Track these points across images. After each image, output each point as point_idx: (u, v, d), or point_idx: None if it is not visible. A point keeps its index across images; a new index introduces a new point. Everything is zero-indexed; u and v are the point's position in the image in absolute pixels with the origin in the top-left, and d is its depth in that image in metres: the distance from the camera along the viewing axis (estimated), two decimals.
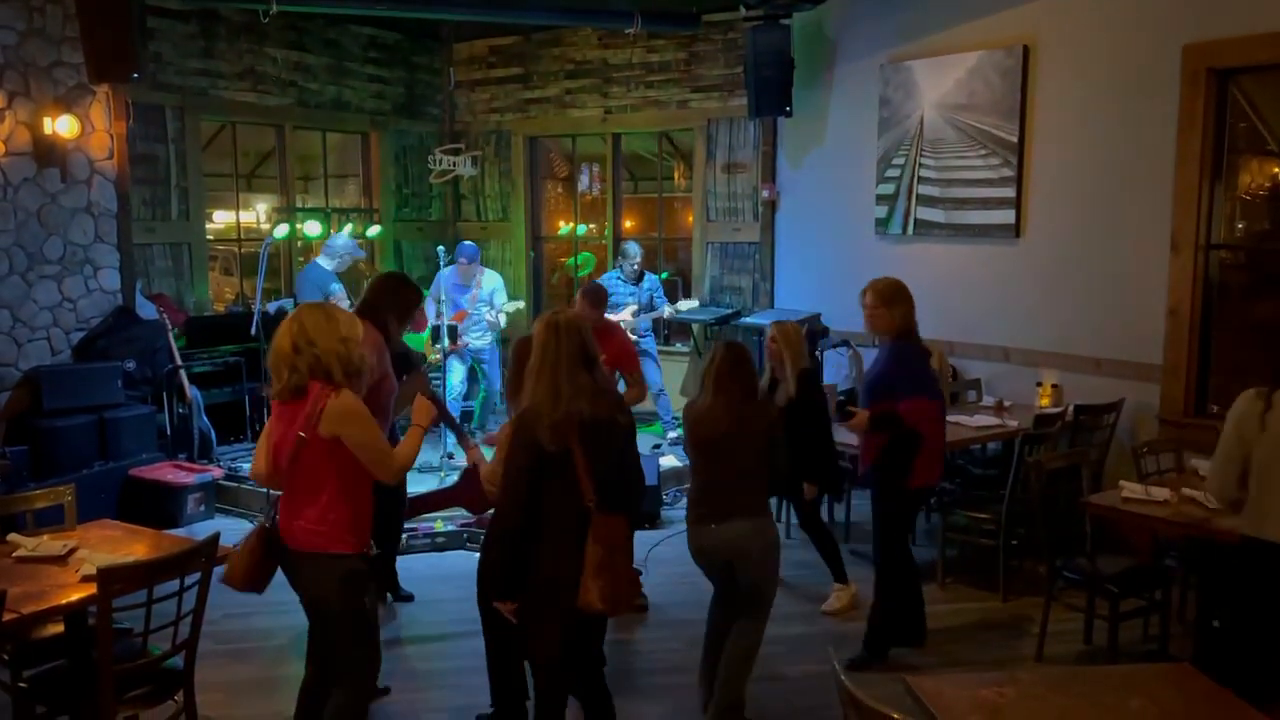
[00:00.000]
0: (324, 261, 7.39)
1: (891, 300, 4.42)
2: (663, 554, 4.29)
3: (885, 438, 4.41)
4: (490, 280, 7.82)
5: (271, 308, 7.55)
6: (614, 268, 8.14)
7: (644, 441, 7.63)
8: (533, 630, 3.23)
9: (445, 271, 7.77)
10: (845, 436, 5.24)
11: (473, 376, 7.91)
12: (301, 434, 3.13)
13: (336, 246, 7.42)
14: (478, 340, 7.69)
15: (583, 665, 3.43)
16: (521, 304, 8.33)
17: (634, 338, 7.80)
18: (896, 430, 4.37)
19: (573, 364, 3.14)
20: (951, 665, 4.53)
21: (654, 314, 7.92)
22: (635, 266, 7.88)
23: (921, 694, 2.62)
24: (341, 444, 3.16)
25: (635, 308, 7.87)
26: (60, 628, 3.52)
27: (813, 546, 5.39)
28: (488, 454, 4.19)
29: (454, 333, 7.37)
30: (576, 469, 3.09)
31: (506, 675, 3.87)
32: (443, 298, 7.49)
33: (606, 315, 7.66)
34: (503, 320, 7.79)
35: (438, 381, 7.56)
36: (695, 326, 8.42)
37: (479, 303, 7.66)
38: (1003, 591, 5.29)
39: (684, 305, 8.17)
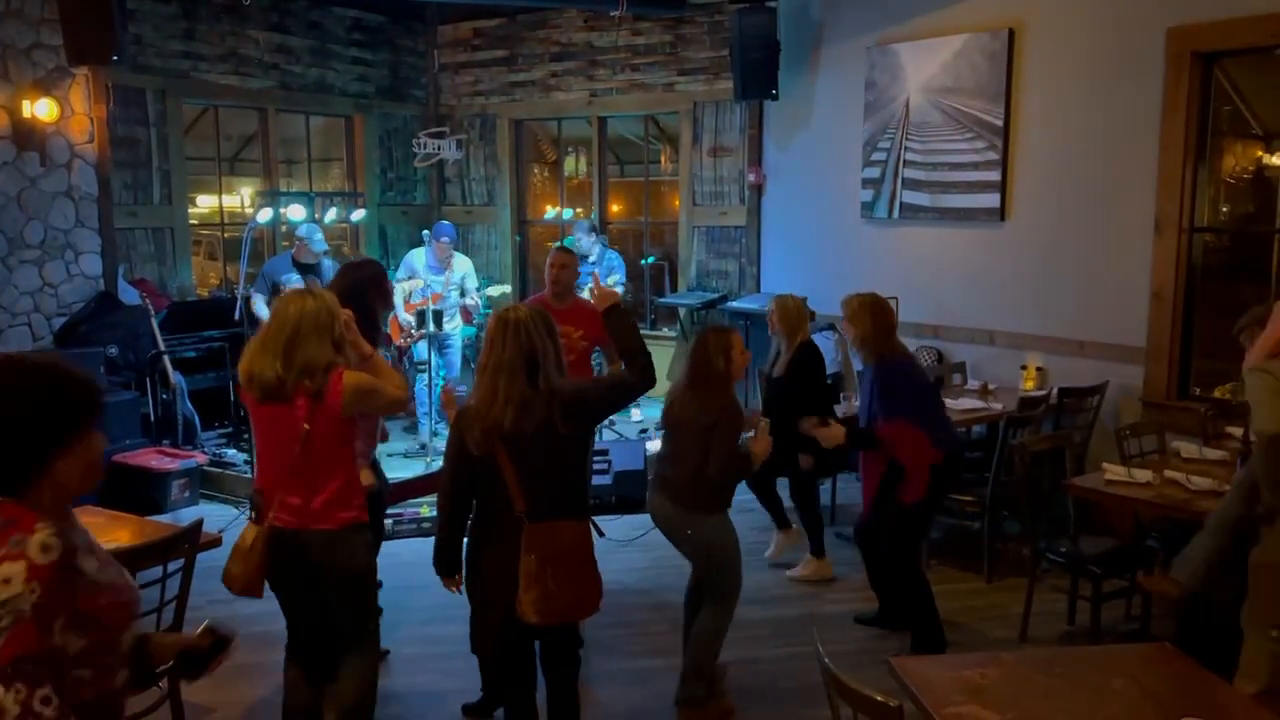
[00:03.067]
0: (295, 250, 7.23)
1: (852, 318, 4.36)
2: (653, 539, 4.31)
3: (883, 462, 4.38)
4: (461, 264, 7.73)
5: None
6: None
7: (631, 428, 7.69)
8: (473, 623, 3.27)
9: (416, 252, 7.70)
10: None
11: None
12: (306, 426, 3.12)
13: (298, 233, 7.19)
14: (447, 324, 7.60)
15: (552, 667, 3.39)
16: (508, 288, 8.27)
17: None
18: (871, 448, 4.38)
19: (513, 369, 3.06)
20: None
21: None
22: (578, 242, 7.82)
23: (905, 675, 2.63)
24: (349, 420, 3.20)
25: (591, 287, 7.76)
26: None
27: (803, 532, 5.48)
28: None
29: (439, 318, 7.31)
30: (504, 476, 3.06)
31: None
32: (410, 279, 7.43)
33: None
34: (480, 300, 7.74)
35: (423, 369, 7.53)
36: (682, 311, 8.42)
37: (450, 286, 7.57)
38: (987, 573, 5.33)
39: (613, 278, 8.01)
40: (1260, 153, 6.26)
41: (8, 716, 1.68)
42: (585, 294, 7.68)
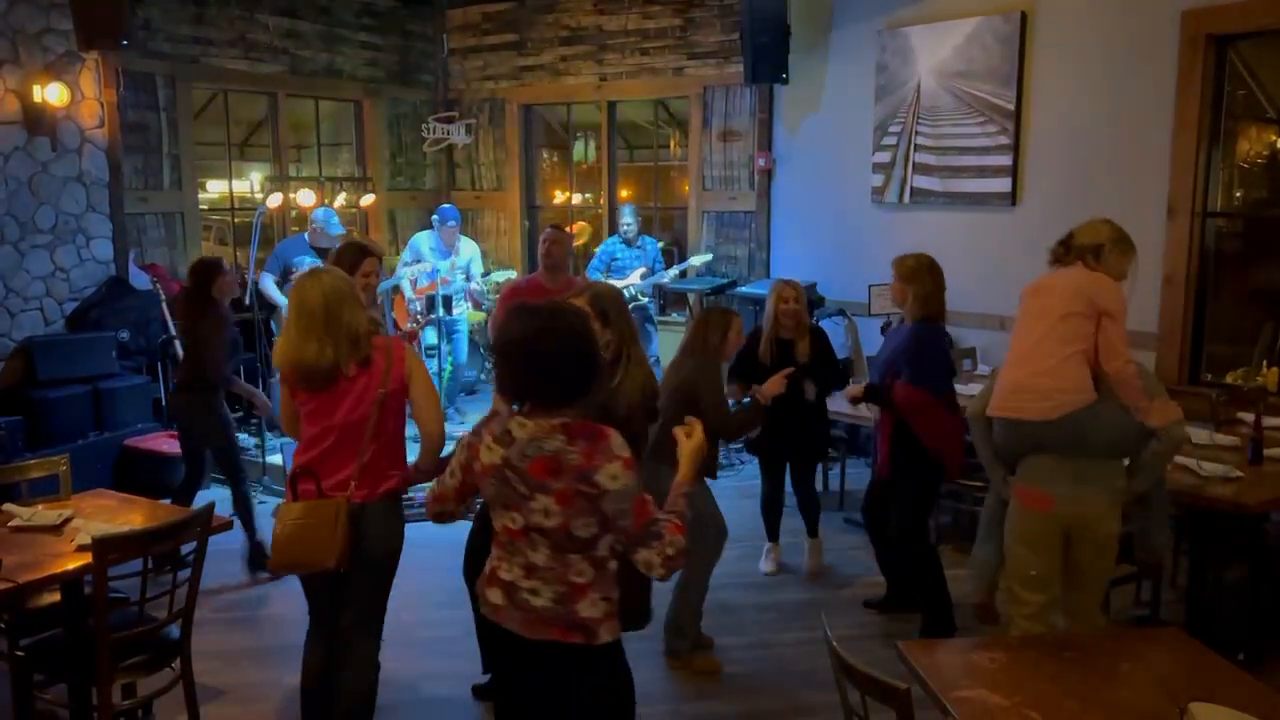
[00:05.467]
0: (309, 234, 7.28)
1: (909, 277, 4.38)
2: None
3: (891, 426, 4.38)
4: (467, 249, 7.74)
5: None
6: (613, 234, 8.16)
7: None
8: None
9: (421, 235, 7.72)
10: (841, 406, 5.33)
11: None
12: (382, 389, 3.16)
13: (314, 217, 7.25)
14: (455, 309, 7.61)
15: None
16: (513, 273, 8.28)
17: (643, 300, 7.82)
18: (886, 405, 4.37)
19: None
20: None
21: (655, 279, 7.90)
22: (627, 228, 7.94)
23: (913, 660, 2.64)
24: (402, 391, 3.23)
25: (644, 270, 7.87)
26: (57, 596, 3.53)
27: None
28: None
29: (448, 302, 7.32)
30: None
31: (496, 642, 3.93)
32: (416, 262, 7.45)
33: (614, 279, 7.77)
34: (484, 287, 7.74)
35: (432, 354, 7.53)
36: (691, 296, 8.41)
37: (456, 270, 7.58)
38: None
39: (696, 260, 8.16)
40: (1274, 137, 6.21)
41: (654, 567, 2.42)
42: (635, 277, 7.79)
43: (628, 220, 7.99)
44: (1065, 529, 3.46)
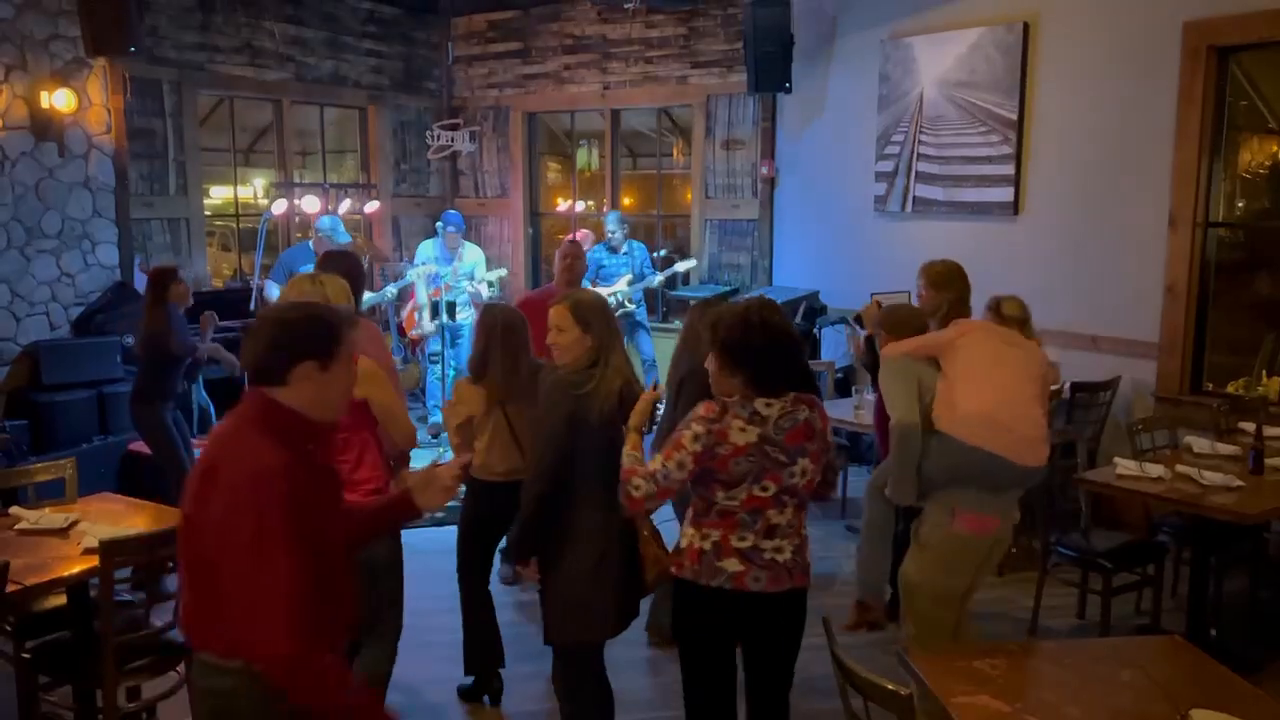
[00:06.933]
0: (314, 242, 7.31)
1: (939, 284, 4.37)
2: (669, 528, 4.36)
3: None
4: (471, 254, 7.77)
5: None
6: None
7: None
8: (573, 610, 3.15)
9: (425, 244, 7.76)
10: (844, 413, 5.35)
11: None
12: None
13: (320, 226, 7.26)
14: (460, 315, 7.64)
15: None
16: (504, 272, 8.30)
17: (629, 306, 7.82)
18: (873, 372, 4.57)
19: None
20: None
21: (644, 283, 7.91)
22: (613, 234, 7.95)
23: (915, 666, 2.65)
24: (367, 404, 3.19)
25: (629, 277, 7.87)
26: (62, 599, 3.55)
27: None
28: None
29: (452, 309, 7.34)
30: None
31: (481, 644, 4.05)
32: (423, 269, 7.49)
33: (601, 287, 7.77)
34: (485, 291, 7.77)
35: (435, 360, 7.55)
36: (692, 304, 8.42)
37: (460, 276, 7.61)
38: (998, 567, 5.32)
39: (681, 266, 8.16)
40: (1276, 148, 6.23)
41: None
42: (622, 284, 7.81)
43: (612, 227, 8.00)
44: (991, 547, 3.61)
